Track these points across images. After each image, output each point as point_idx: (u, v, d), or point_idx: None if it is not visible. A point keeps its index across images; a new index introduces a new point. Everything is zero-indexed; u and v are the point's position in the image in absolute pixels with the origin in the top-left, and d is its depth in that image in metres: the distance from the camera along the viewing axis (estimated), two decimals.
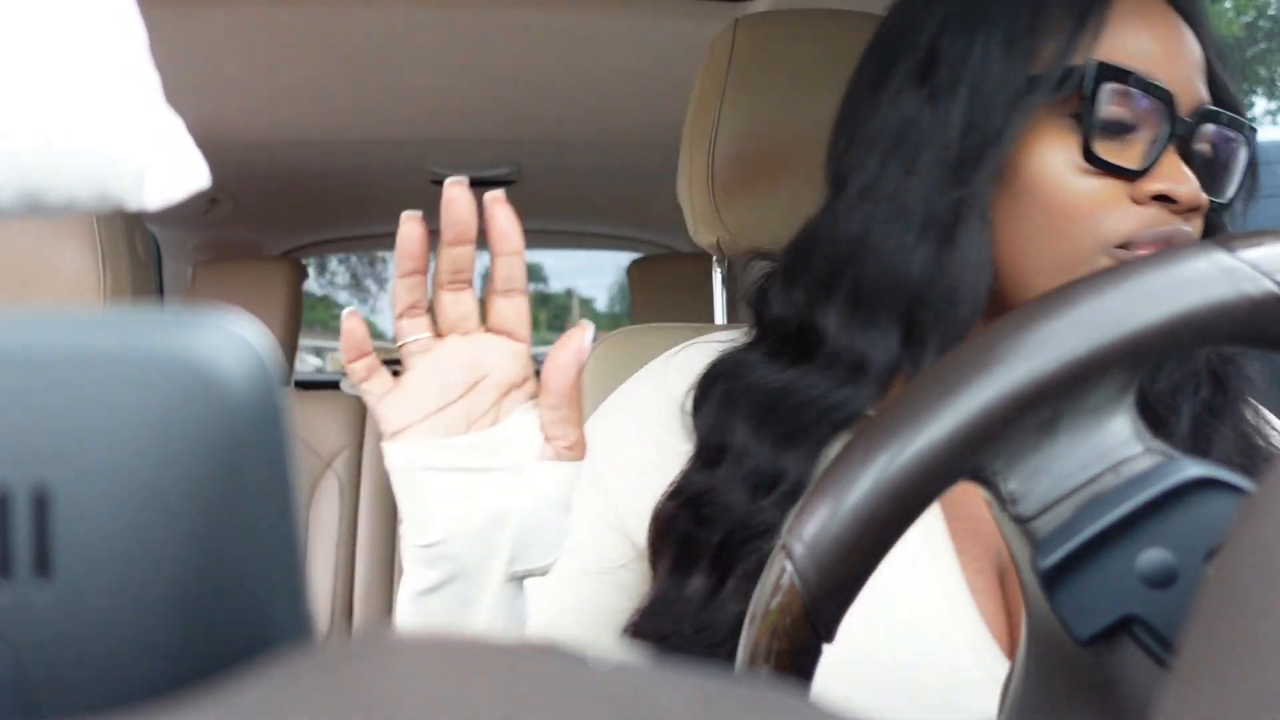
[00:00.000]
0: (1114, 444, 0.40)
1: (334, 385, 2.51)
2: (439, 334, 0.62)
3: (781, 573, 0.42)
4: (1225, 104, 0.73)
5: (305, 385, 2.76)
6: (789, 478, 0.72)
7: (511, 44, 1.55)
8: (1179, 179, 0.68)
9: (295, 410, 2.27)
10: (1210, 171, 0.73)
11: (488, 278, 0.63)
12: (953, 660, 0.69)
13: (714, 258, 2.40)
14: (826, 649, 0.44)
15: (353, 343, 0.61)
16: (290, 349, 2.52)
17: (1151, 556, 0.38)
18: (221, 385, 0.21)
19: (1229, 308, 0.39)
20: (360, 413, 2.44)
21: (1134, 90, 0.69)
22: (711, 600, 0.72)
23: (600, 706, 0.18)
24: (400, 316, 0.62)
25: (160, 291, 2.54)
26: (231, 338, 0.22)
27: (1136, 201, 0.69)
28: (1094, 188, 0.69)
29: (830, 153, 0.79)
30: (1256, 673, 0.21)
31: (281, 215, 2.74)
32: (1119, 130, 0.69)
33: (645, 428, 0.79)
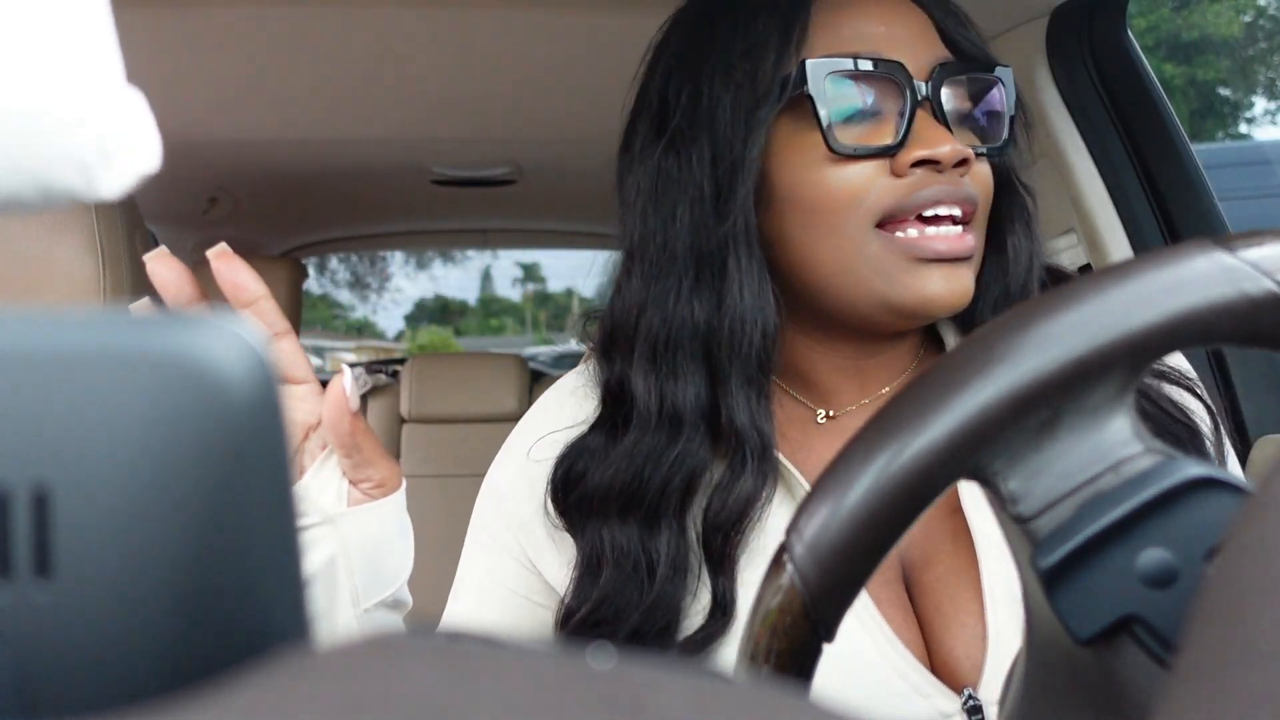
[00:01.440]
0: (1114, 444, 0.40)
1: None
2: None
3: (782, 572, 0.42)
4: (966, 54, 0.74)
5: None
6: (664, 558, 0.71)
7: (511, 44, 1.55)
8: (933, 141, 0.69)
9: None
10: (977, 121, 0.74)
11: None
12: (870, 675, 0.69)
13: None
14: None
15: None
16: None
17: (1151, 556, 0.38)
18: (221, 385, 0.21)
19: (1229, 307, 0.39)
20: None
21: (856, 73, 0.69)
22: None
23: (600, 706, 0.18)
24: None
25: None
26: (231, 338, 0.22)
27: (899, 174, 0.69)
28: (852, 174, 0.70)
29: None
30: (1256, 673, 0.21)
31: (281, 215, 2.75)
32: (862, 115, 0.70)
33: (527, 494, 0.78)
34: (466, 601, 0.80)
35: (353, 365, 3.37)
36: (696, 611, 0.72)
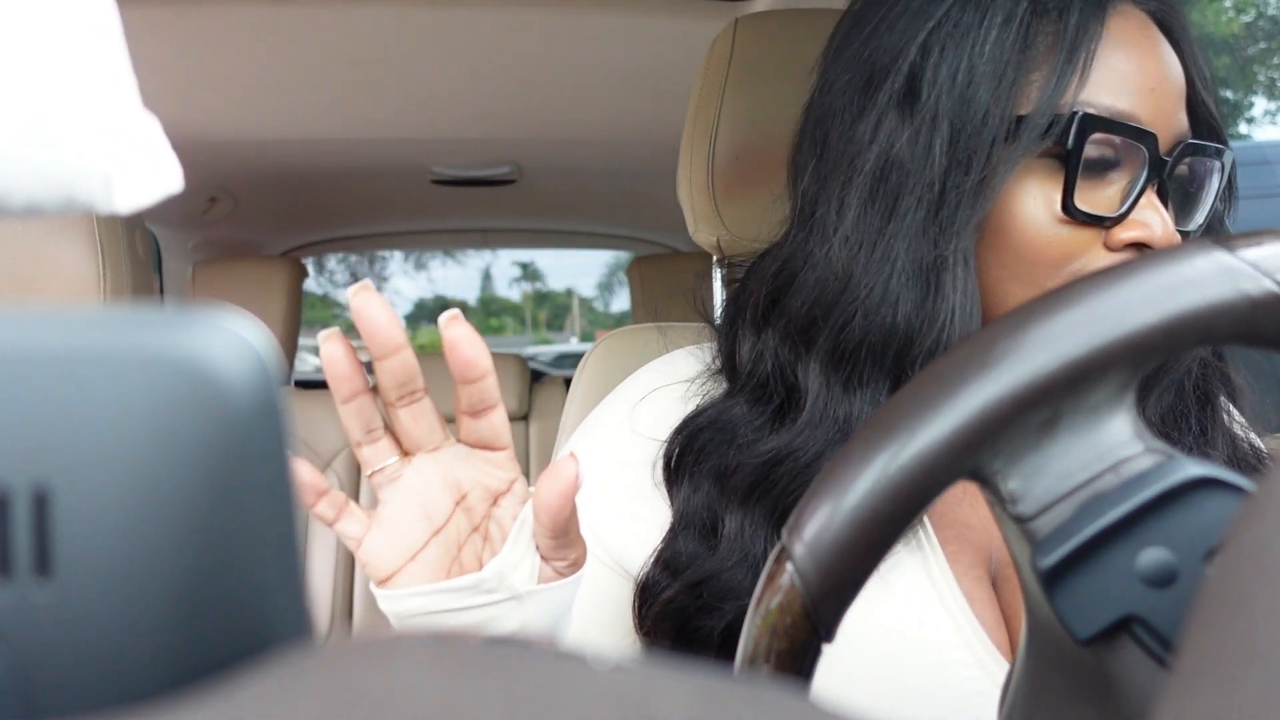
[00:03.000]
0: (1114, 443, 0.40)
1: None
2: (405, 453, 0.55)
3: (781, 572, 0.42)
4: (1204, 124, 0.71)
5: (305, 385, 2.76)
6: None
7: (511, 44, 1.55)
8: (1155, 225, 0.66)
9: (295, 410, 2.27)
10: (1185, 198, 0.71)
11: (454, 398, 0.54)
12: (955, 671, 0.68)
13: (714, 258, 2.40)
14: (832, 665, 0.43)
15: (309, 485, 0.54)
16: (290, 349, 2.53)
17: (1151, 556, 0.38)
18: (221, 385, 0.21)
19: (1229, 307, 0.39)
20: None
21: (1116, 137, 0.66)
22: None
23: (600, 706, 0.18)
24: (359, 445, 0.55)
25: (160, 291, 2.54)
26: (231, 338, 0.22)
27: (1110, 247, 0.67)
28: (1070, 235, 0.67)
29: (794, 173, 0.75)
30: (1256, 673, 0.21)
31: (281, 215, 2.75)
32: (1100, 172, 0.66)
33: (619, 472, 0.76)
34: None
35: None
36: None
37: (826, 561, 0.41)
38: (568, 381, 1.66)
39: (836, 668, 0.56)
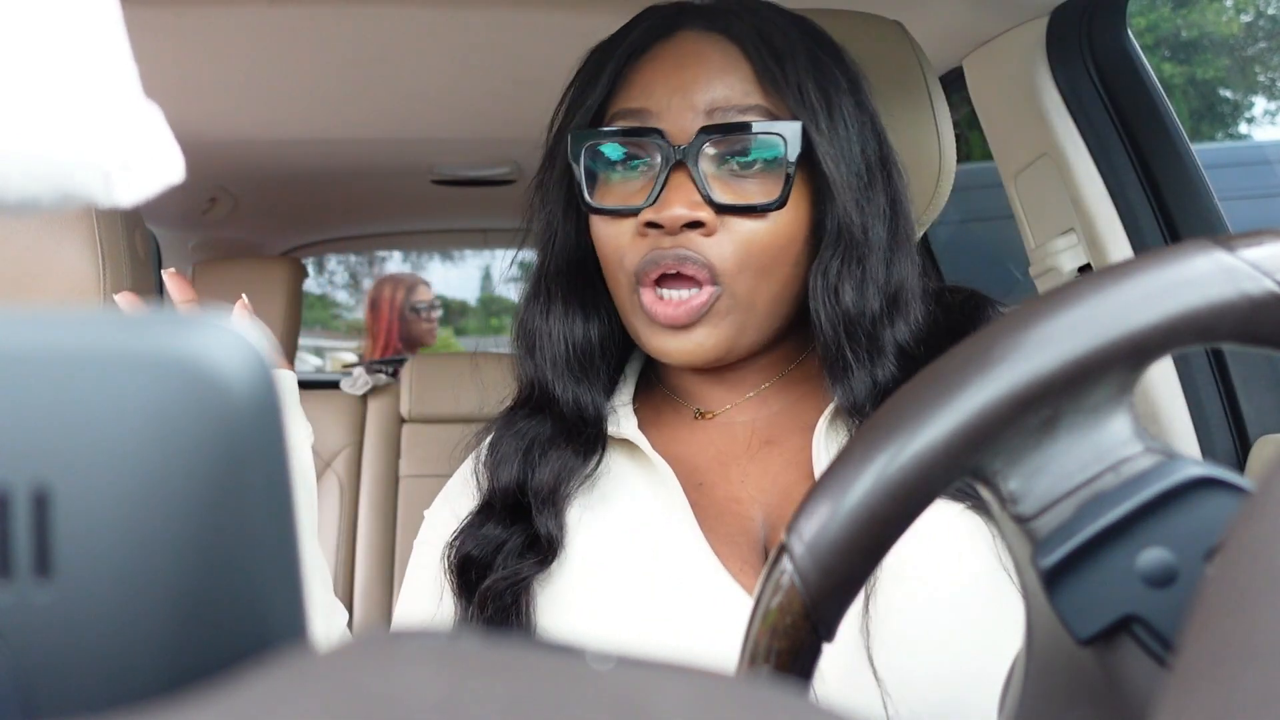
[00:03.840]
0: (1114, 443, 0.40)
1: (334, 385, 2.51)
2: None
3: (782, 572, 0.42)
4: (770, 112, 0.75)
5: (305, 385, 2.76)
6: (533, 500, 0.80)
7: (511, 44, 1.55)
8: (661, 205, 0.73)
9: None
10: (753, 179, 0.75)
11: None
12: (702, 603, 0.73)
13: None
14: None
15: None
16: (290, 349, 2.52)
17: (1151, 556, 0.38)
18: (221, 385, 0.21)
19: (1229, 307, 0.39)
20: (360, 413, 2.44)
21: (612, 139, 0.75)
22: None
23: (600, 706, 0.18)
24: None
25: (160, 291, 2.54)
26: (231, 338, 0.22)
27: (642, 236, 0.75)
28: (612, 232, 0.77)
29: None
30: (1256, 672, 0.21)
31: (281, 215, 2.74)
32: (617, 178, 0.76)
33: (466, 491, 0.85)
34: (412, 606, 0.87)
35: (353, 365, 3.36)
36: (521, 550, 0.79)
37: (826, 561, 0.41)
38: None
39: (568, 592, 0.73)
